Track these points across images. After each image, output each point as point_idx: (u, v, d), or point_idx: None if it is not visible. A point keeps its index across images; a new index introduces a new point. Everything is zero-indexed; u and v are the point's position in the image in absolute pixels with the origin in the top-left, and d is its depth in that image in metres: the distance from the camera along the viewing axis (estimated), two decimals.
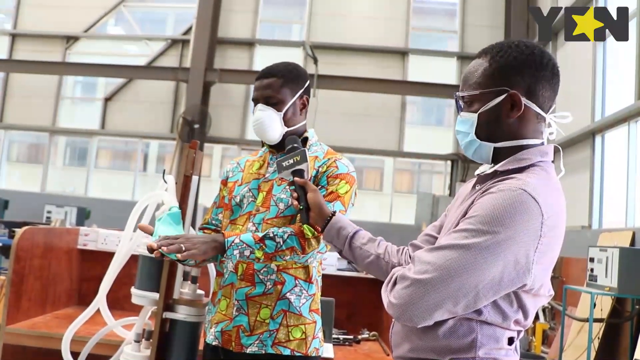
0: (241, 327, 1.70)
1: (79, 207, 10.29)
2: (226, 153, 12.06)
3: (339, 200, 1.69)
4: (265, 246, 1.61)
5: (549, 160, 1.24)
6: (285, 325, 1.69)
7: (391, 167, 11.76)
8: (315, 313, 1.77)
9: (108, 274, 1.95)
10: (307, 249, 1.63)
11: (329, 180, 1.73)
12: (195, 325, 1.83)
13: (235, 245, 1.60)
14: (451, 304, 1.11)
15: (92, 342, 1.98)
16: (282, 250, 1.61)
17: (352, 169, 1.79)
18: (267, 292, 1.70)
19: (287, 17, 12.54)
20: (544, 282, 1.18)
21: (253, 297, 1.70)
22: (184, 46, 11.87)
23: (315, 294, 1.78)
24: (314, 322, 1.75)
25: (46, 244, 2.67)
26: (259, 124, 1.78)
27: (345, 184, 1.73)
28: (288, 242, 1.61)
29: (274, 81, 1.80)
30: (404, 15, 11.64)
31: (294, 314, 1.70)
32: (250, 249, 1.60)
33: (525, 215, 1.09)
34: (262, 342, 1.68)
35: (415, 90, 11.05)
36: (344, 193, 1.71)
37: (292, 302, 1.70)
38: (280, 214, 1.72)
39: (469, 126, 1.27)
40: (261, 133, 1.80)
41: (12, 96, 12.21)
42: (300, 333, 1.70)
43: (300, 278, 1.73)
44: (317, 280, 1.81)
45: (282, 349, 1.68)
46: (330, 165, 1.76)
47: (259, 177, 1.81)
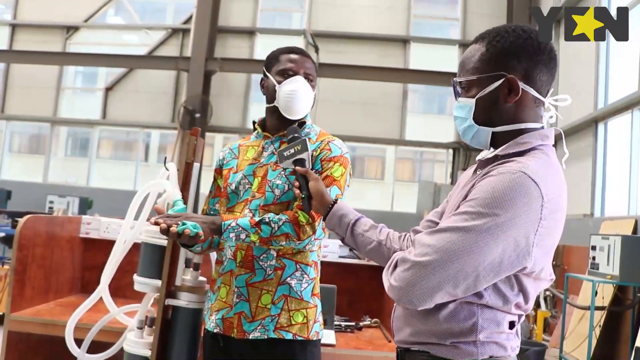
0: (242, 313, 1.70)
1: (81, 197, 10.32)
2: (227, 142, 12.01)
3: (335, 185, 1.69)
4: (260, 230, 1.62)
5: (549, 144, 1.24)
6: (287, 310, 1.70)
7: (393, 155, 11.75)
8: (316, 297, 1.78)
9: (110, 263, 1.96)
10: (302, 235, 1.63)
11: (323, 164, 1.72)
12: (197, 312, 1.84)
13: (231, 229, 1.61)
14: (451, 286, 1.12)
15: (95, 329, 1.99)
16: (277, 235, 1.62)
17: (345, 150, 1.78)
18: (268, 277, 1.70)
19: (288, 6, 12.48)
20: (544, 265, 1.18)
21: (253, 284, 1.70)
22: (184, 35, 11.83)
23: (316, 278, 1.79)
24: (315, 306, 1.76)
25: (48, 232, 2.68)
26: (297, 96, 1.73)
27: (339, 166, 1.73)
28: (282, 228, 1.62)
29: (311, 61, 1.81)
30: (405, 3, 11.57)
31: (295, 299, 1.71)
32: (245, 233, 1.62)
33: (525, 198, 1.09)
34: (264, 327, 1.68)
35: (417, 78, 11.01)
36: (340, 176, 1.71)
37: (293, 287, 1.71)
38: (277, 200, 1.71)
39: (466, 111, 1.27)
40: (294, 103, 1.74)
41: (13, 87, 12.20)
42: (301, 317, 1.71)
43: (300, 262, 1.73)
44: (318, 264, 1.81)
45: (284, 334, 1.69)
46: (324, 148, 1.75)
47: (254, 163, 1.79)
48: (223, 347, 1.74)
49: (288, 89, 1.74)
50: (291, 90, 1.74)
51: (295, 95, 1.74)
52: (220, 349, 1.75)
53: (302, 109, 1.76)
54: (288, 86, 1.75)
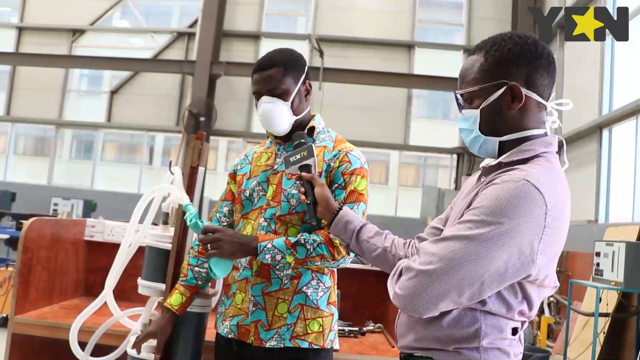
0: (259, 322, 1.70)
1: (85, 200, 10.35)
2: (232, 146, 12.07)
3: (361, 201, 1.69)
4: (296, 252, 1.62)
5: (553, 151, 1.24)
6: (303, 319, 1.69)
7: (397, 160, 11.74)
8: (332, 306, 1.77)
9: (114, 266, 1.97)
10: (337, 255, 1.63)
11: (345, 178, 1.70)
12: (201, 316, 1.85)
13: (267, 250, 1.62)
14: (456, 295, 1.12)
15: (99, 332, 1.99)
16: (312, 257, 1.62)
17: (364, 160, 1.77)
18: (284, 287, 1.70)
19: (293, 10, 12.52)
20: (548, 272, 1.18)
21: (270, 293, 1.70)
22: (189, 39, 11.87)
23: (332, 287, 1.78)
24: (331, 314, 1.75)
25: (53, 235, 2.69)
26: (267, 117, 1.73)
27: (361, 179, 1.72)
28: (318, 250, 1.62)
29: (276, 71, 1.73)
30: (410, 8, 11.59)
31: (311, 308, 1.70)
32: (281, 254, 1.62)
33: (528, 206, 1.09)
34: (281, 336, 1.68)
35: (421, 83, 11.02)
36: (363, 189, 1.71)
37: (309, 296, 1.70)
38: (293, 210, 1.71)
39: (471, 123, 1.26)
40: (270, 125, 1.74)
41: (19, 89, 12.28)
42: (317, 326, 1.71)
43: (316, 271, 1.72)
44: (334, 272, 1.81)
45: (300, 342, 1.68)
46: (343, 160, 1.73)
47: (267, 169, 1.79)
48: (237, 352, 1.75)
49: (260, 113, 1.75)
50: (261, 113, 1.75)
51: (265, 117, 1.74)
52: (234, 354, 1.76)
53: (278, 124, 1.74)
54: (260, 110, 1.76)
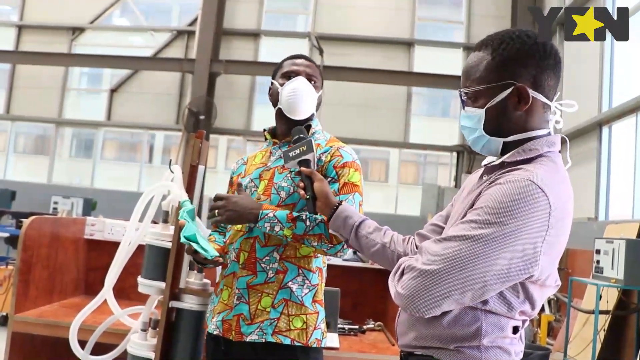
0: (241, 315, 1.69)
1: (85, 198, 10.33)
2: (231, 144, 12.07)
3: (356, 192, 1.69)
4: (295, 226, 1.61)
5: (556, 151, 1.23)
6: (287, 315, 1.68)
7: (397, 158, 11.73)
8: (318, 304, 1.75)
9: (114, 265, 1.96)
10: (334, 240, 1.61)
11: (337, 171, 1.71)
12: (201, 314, 1.84)
13: (267, 219, 1.62)
14: (458, 295, 1.11)
15: (99, 331, 1.99)
16: (310, 235, 1.61)
17: (356, 156, 1.78)
18: (269, 280, 1.69)
19: (293, 8, 12.49)
20: (551, 272, 1.18)
21: (254, 286, 1.70)
22: (189, 37, 11.85)
23: (319, 284, 1.77)
24: (316, 312, 1.74)
25: (53, 233, 2.69)
26: (298, 94, 1.74)
27: (354, 171, 1.72)
28: (316, 228, 1.61)
29: (315, 66, 1.85)
30: (409, 6, 11.57)
31: (296, 304, 1.69)
32: (280, 225, 1.62)
33: (532, 207, 1.08)
34: (263, 331, 1.67)
35: (421, 81, 11.00)
36: (358, 181, 1.71)
37: (294, 292, 1.69)
38: (282, 202, 1.71)
39: (475, 122, 1.25)
40: (297, 103, 1.75)
41: (19, 88, 12.25)
42: (301, 323, 1.69)
43: (303, 267, 1.72)
44: (322, 270, 1.80)
45: (282, 338, 1.67)
46: (334, 155, 1.74)
47: (261, 167, 1.81)
48: (224, 349, 1.74)
49: (289, 88, 1.76)
50: (292, 89, 1.75)
51: (296, 94, 1.74)
52: (221, 351, 1.75)
53: (304, 108, 1.76)
54: (289, 86, 1.76)
